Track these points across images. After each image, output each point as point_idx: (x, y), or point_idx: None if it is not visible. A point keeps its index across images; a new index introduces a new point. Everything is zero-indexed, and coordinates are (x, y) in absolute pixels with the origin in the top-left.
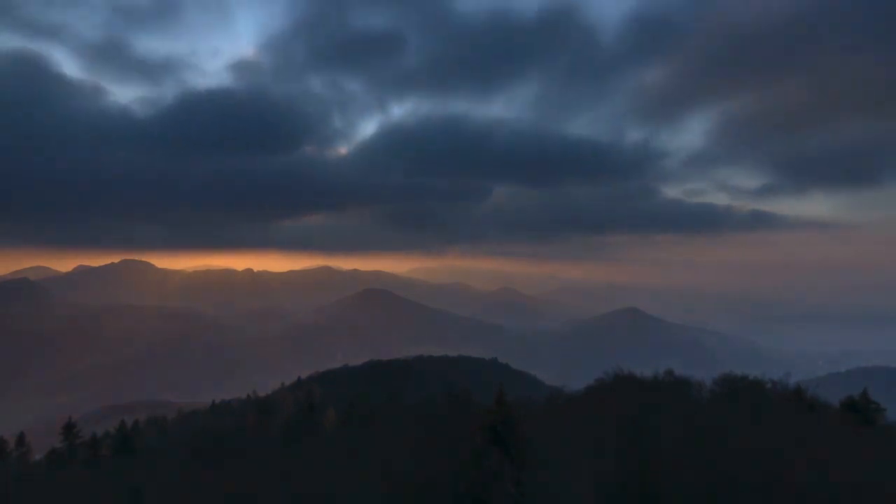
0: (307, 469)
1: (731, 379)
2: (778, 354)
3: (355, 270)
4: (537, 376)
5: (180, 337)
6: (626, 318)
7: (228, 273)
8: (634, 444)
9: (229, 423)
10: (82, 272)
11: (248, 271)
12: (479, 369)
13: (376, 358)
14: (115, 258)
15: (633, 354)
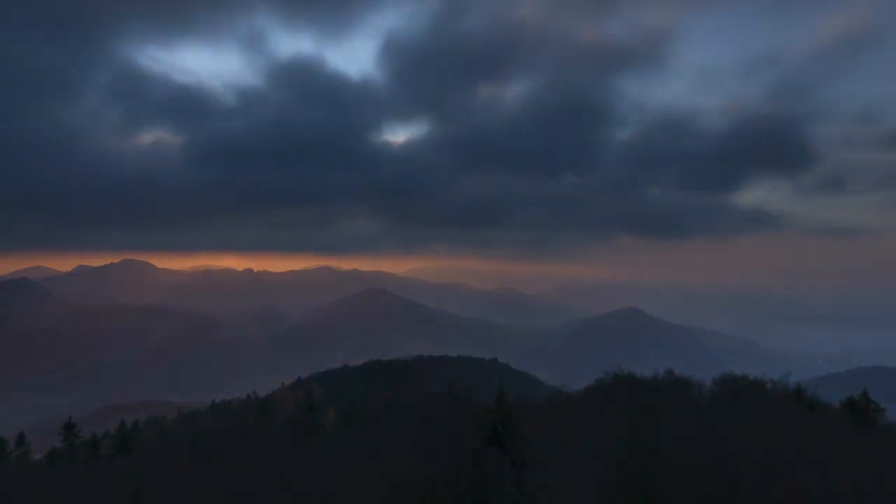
0: (307, 469)
1: (731, 379)
2: (778, 354)
3: (355, 270)
4: (537, 376)
5: (180, 337)
6: (626, 318)
7: (228, 273)
8: (634, 444)
9: (229, 423)
10: (82, 272)
11: (248, 271)
12: (479, 369)
13: (376, 358)
14: (115, 258)
15: (633, 354)
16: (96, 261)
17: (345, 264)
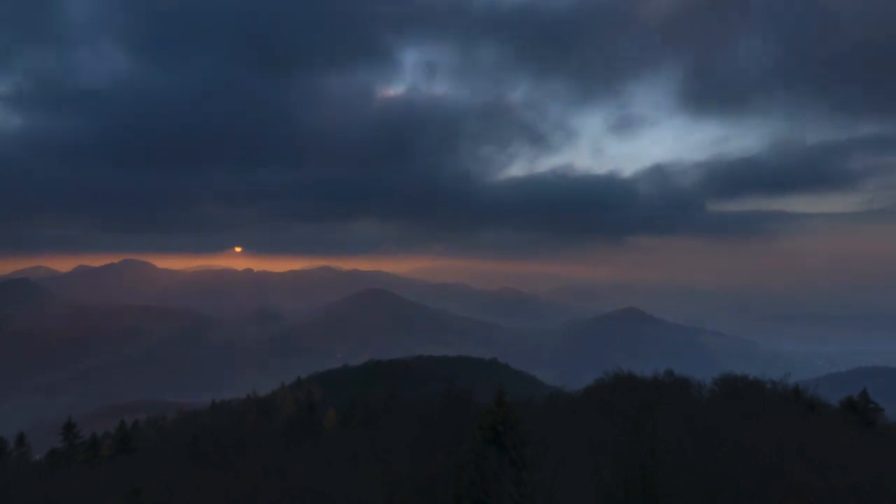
0: (307, 469)
1: (731, 379)
2: (778, 354)
3: (355, 270)
4: (537, 376)
5: (180, 337)
6: (626, 318)
7: (228, 273)
8: (634, 444)
9: (229, 423)
10: (82, 272)
11: (248, 271)
12: (479, 369)
13: (376, 358)
14: (115, 258)
15: (633, 354)
16: (96, 261)
17: (345, 264)
